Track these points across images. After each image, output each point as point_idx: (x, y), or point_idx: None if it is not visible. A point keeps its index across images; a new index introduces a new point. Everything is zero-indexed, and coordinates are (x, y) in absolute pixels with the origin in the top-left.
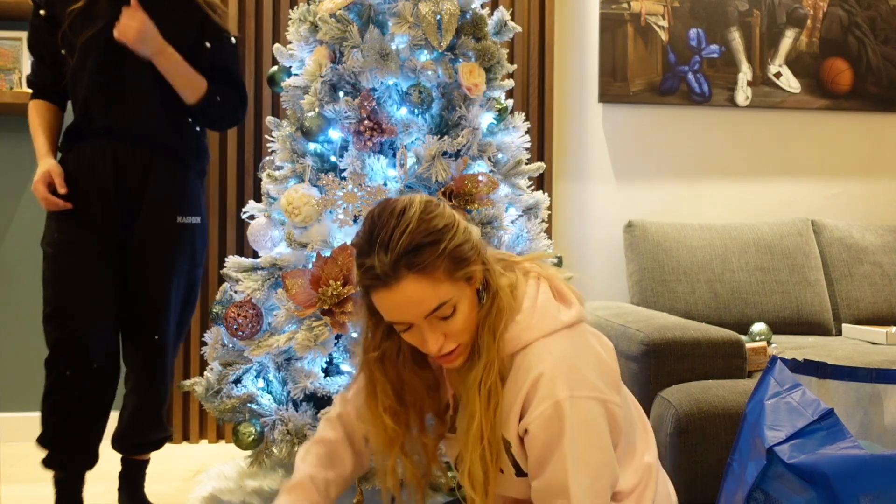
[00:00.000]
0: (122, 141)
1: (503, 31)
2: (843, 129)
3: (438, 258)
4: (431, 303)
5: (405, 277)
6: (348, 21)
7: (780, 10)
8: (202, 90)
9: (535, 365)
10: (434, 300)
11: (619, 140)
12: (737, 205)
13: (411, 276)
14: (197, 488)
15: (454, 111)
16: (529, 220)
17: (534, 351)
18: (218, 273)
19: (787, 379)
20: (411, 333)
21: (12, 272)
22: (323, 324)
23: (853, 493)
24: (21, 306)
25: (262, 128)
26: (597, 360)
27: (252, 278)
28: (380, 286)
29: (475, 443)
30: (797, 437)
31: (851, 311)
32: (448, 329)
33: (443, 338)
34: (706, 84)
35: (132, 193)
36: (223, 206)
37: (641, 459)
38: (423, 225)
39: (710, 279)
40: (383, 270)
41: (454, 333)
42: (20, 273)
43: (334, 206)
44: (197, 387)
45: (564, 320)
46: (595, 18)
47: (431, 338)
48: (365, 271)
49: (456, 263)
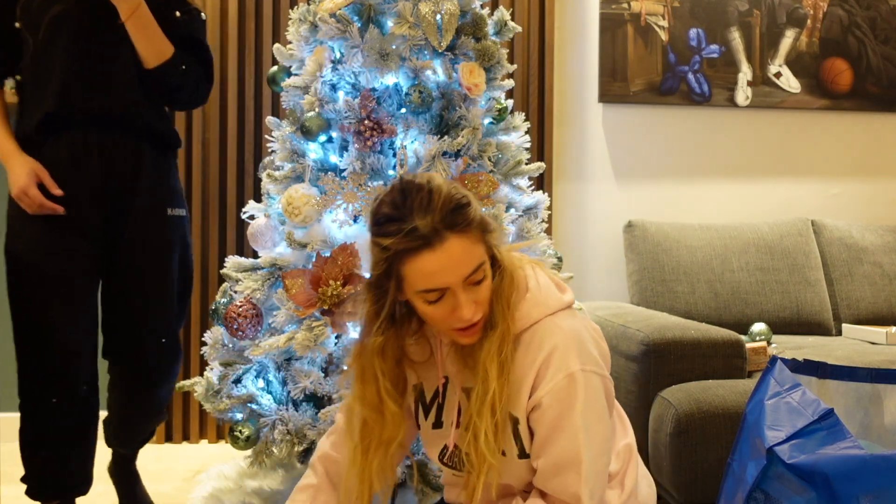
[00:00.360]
0: (107, 129)
1: (503, 31)
2: (843, 129)
3: (472, 220)
4: (472, 263)
5: (449, 237)
6: (348, 21)
7: (780, 10)
8: (167, 55)
9: (548, 339)
10: (475, 260)
11: (619, 140)
12: (737, 205)
13: (454, 236)
14: (197, 488)
15: (454, 111)
16: (529, 220)
17: (544, 326)
18: (218, 273)
19: (787, 379)
20: (441, 304)
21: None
22: (323, 324)
23: (853, 493)
24: None
25: (262, 128)
26: (594, 338)
27: (252, 278)
28: (423, 248)
29: (488, 414)
30: (797, 437)
31: (851, 311)
32: (477, 296)
33: (475, 306)
34: (706, 84)
35: (122, 188)
36: (223, 206)
37: (622, 442)
38: (453, 191)
39: (710, 279)
40: (429, 230)
41: (481, 302)
42: None
43: (334, 206)
44: (197, 387)
45: (566, 300)
46: (595, 18)
47: (467, 303)
48: (404, 236)
49: (483, 228)
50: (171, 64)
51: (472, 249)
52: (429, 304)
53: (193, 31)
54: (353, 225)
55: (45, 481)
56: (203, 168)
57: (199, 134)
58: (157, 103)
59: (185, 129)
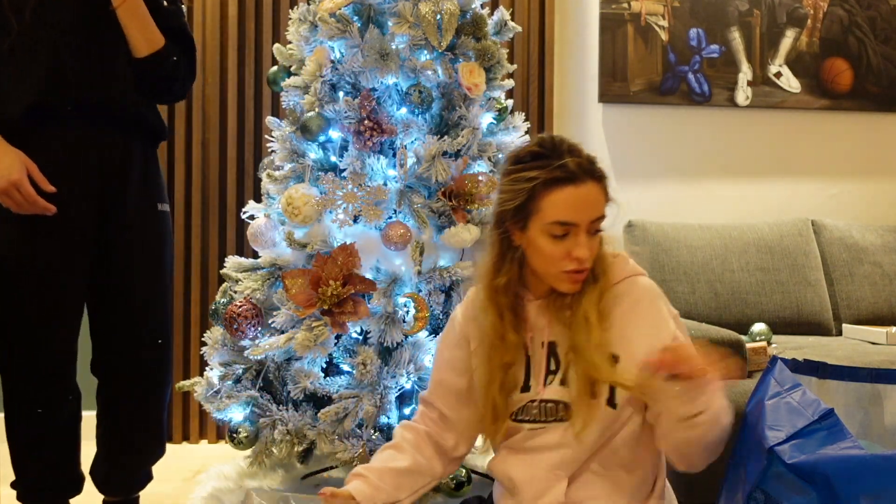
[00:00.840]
0: (100, 123)
1: (503, 30)
2: (843, 129)
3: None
4: (600, 210)
5: (589, 181)
6: (348, 21)
7: (780, 10)
8: (158, 45)
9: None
10: (602, 209)
11: (619, 140)
12: (737, 205)
13: (593, 182)
14: (197, 488)
15: (454, 111)
16: None
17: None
18: (218, 273)
19: (788, 379)
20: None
21: None
22: (323, 324)
23: (853, 493)
24: None
25: (262, 128)
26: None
27: (252, 278)
28: (568, 182)
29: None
30: (797, 437)
31: (851, 311)
32: (592, 245)
33: (591, 252)
34: (706, 84)
35: (115, 185)
36: (223, 206)
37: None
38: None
39: (710, 279)
40: (576, 167)
41: (594, 253)
42: None
43: (334, 206)
44: (197, 387)
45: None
46: (595, 18)
47: (586, 243)
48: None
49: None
50: (162, 54)
51: (602, 200)
52: (553, 238)
53: (180, 23)
54: (353, 225)
55: (39, 485)
56: (203, 168)
57: (199, 134)
58: (147, 94)
59: (185, 129)
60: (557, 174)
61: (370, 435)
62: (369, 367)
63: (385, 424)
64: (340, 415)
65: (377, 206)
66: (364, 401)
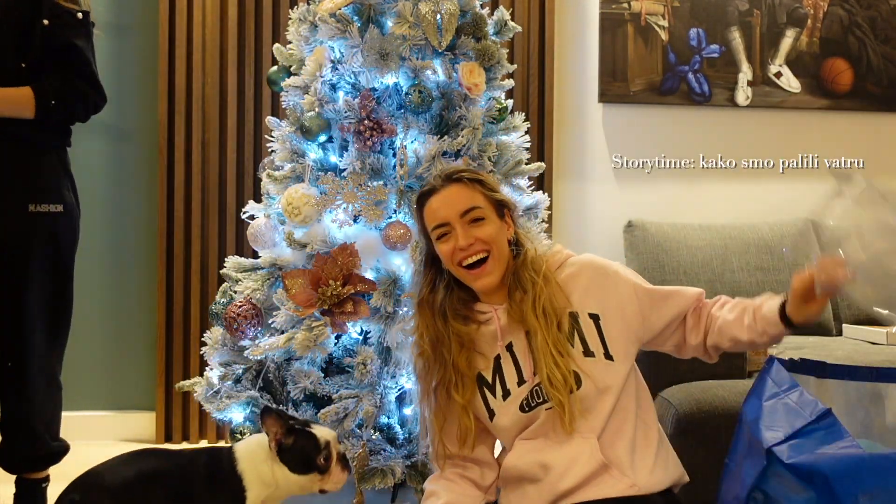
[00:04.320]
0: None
1: (503, 31)
2: (843, 129)
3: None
4: (467, 202)
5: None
6: (348, 21)
7: (780, 10)
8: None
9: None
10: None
11: (619, 140)
12: (737, 205)
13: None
14: None
15: (454, 111)
16: (529, 220)
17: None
18: (218, 273)
19: (785, 379)
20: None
21: None
22: (323, 324)
23: (852, 493)
24: None
25: (262, 128)
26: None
27: (252, 278)
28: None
29: (546, 353)
30: (795, 438)
31: (851, 311)
32: (478, 233)
33: (473, 238)
34: (706, 84)
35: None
36: (223, 206)
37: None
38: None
39: (710, 279)
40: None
41: (484, 239)
42: None
43: (334, 206)
44: (197, 387)
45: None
46: (595, 18)
47: (463, 234)
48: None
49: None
50: (40, 109)
51: (468, 194)
52: (440, 241)
53: (65, 37)
54: (353, 225)
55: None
56: (203, 168)
57: (198, 134)
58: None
59: (185, 130)
60: (423, 191)
61: (370, 435)
62: (369, 367)
63: (385, 424)
64: (340, 415)
65: (377, 206)
66: (364, 401)
